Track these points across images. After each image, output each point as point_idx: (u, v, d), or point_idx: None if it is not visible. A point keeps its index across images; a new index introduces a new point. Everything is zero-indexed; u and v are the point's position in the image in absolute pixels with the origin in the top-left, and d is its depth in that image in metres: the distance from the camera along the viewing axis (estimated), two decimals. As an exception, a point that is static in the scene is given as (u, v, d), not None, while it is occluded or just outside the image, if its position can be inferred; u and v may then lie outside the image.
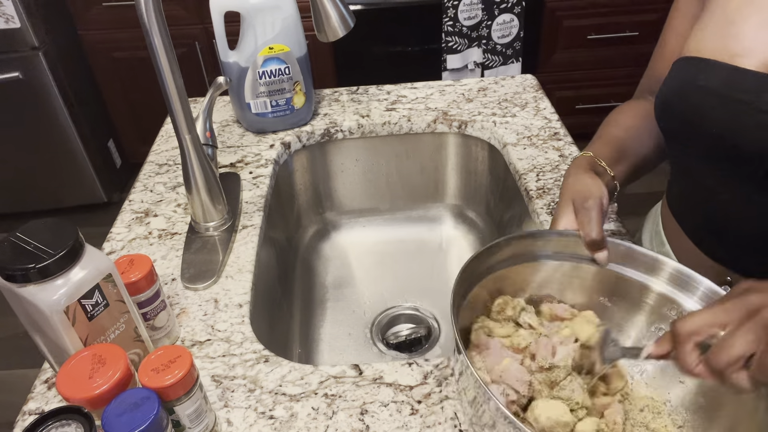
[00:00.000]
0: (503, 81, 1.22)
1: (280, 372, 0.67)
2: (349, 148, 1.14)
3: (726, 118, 0.59)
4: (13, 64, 1.98)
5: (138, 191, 0.98)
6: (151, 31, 0.68)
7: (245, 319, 0.74)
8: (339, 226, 1.21)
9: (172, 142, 1.10)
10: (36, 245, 0.54)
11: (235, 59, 1.00)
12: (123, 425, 0.49)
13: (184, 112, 0.75)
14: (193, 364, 0.55)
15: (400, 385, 0.65)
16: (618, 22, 2.19)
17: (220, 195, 0.85)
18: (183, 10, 2.09)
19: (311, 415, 0.63)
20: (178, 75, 0.73)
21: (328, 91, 1.22)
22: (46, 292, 0.54)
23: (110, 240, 0.88)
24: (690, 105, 0.62)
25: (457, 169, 1.17)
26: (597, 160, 0.69)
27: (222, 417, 0.63)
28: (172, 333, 0.71)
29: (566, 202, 0.64)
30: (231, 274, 0.81)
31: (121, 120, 2.38)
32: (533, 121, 1.09)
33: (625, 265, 0.62)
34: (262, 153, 1.05)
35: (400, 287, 1.08)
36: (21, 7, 1.89)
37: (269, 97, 1.04)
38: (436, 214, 1.22)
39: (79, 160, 2.22)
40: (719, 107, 0.59)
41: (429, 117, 1.12)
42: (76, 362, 0.53)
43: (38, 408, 0.65)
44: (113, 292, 0.58)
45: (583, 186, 0.64)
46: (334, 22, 0.85)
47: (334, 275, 1.12)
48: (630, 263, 0.62)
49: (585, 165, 0.68)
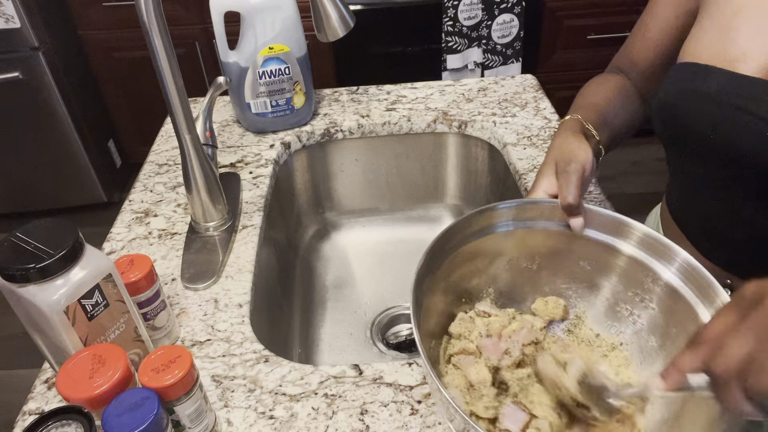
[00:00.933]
0: (503, 81, 1.22)
1: (280, 372, 0.67)
2: (349, 148, 1.14)
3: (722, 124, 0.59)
4: (13, 64, 1.98)
5: (138, 191, 0.98)
6: (151, 31, 0.68)
7: (245, 319, 0.74)
8: (339, 226, 1.20)
9: (172, 142, 1.10)
10: (36, 245, 0.54)
11: (235, 59, 1.00)
12: (123, 425, 0.49)
13: (184, 112, 0.75)
14: (193, 364, 0.55)
15: (400, 385, 0.65)
16: (618, 22, 2.19)
17: (220, 195, 0.85)
18: (183, 10, 2.09)
19: (311, 415, 0.63)
20: (178, 75, 0.73)
21: (328, 91, 1.22)
22: (46, 292, 0.54)
23: (110, 240, 0.88)
24: (687, 110, 0.62)
25: (457, 169, 1.17)
26: (585, 124, 0.68)
27: (222, 417, 0.63)
28: (172, 333, 0.71)
29: (549, 162, 0.64)
30: (231, 274, 0.81)
31: (121, 120, 2.38)
32: (533, 121, 1.09)
33: (594, 228, 0.62)
34: (262, 153, 1.05)
35: (400, 287, 1.08)
36: (21, 7, 1.89)
37: (269, 97, 1.04)
38: (436, 214, 1.22)
39: (79, 160, 2.22)
40: (716, 113, 0.59)
41: (429, 117, 1.12)
42: (76, 362, 0.53)
43: (38, 408, 0.65)
44: (113, 292, 0.58)
45: (569, 149, 0.63)
46: (334, 22, 0.85)
47: (334, 275, 1.12)
48: (598, 227, 0.62)
49: (574, 127, 0.67)
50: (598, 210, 0.62)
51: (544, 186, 0.63)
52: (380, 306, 1.05)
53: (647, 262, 0.60)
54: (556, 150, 0.64)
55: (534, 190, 0.64)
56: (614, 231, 0.62)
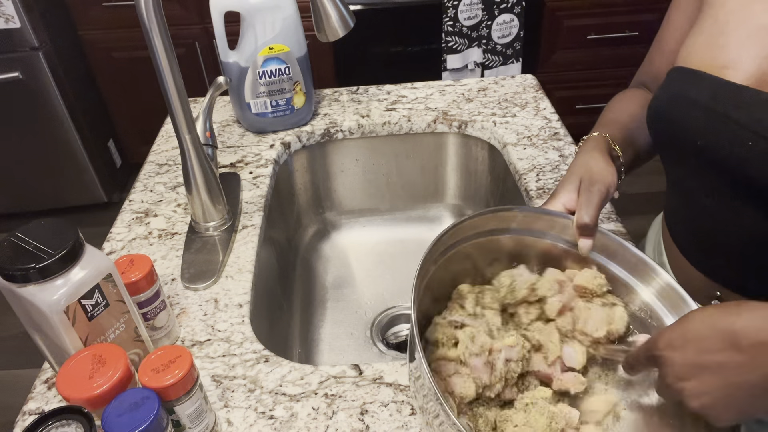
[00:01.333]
0: (503, 81, 1.22)
1: (280, 372, 0.67)
2: (349, 148, 1.14)
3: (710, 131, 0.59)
4: (13, 64, 1.98)
5: (138, 191, 0.98)
6: (151, 31, 0.68)
7: (245, 319, 0.74)
8: (339, 226, 1.21)
9: (172, 142, 1.10)
10: (36, 245, 0.54)
11: (235, 59, 1.00)
12: (123, 425, 0.49)
13: (184, 112, 0.75)
14: (193, 364, 0.55)
15: (400, 385, 0.65)
16: (618, 22, 2.19)
17: (220, 195, 0.85)
18: (183, 10, 2.09)
19: (311, 415, 0.63)
20: (178, 75, 0.73)
21: (328, 91, 1.22)
22: (46, 292, 0.54)
23: (110, 240, 0.88)
24: (677, 116, 0.62)
25: (457, 169, 1.17)
26: (612, 143, 0.68)
27: (222, 417, 0.63)
28: (172, 333, 0.71)
29: (574, 177, 0.63)
30: (231, 274, 0.81)
31: (121, 120, 2.38)
32: (533, 121, 1.09)
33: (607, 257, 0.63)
34: (262, 153, 1.05)
35: (400, 287, 1.08)
36: (21, 7, 1.89)
37: (269, 97, 1.04)
38: (436, 214, 1.22)
39: (79, 160, 2.22)
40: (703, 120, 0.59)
41: (429, 117, 1.12)
42: (76, 362, 0.53)
43: (38, 408, 0.65)
44: (113, 292, 0.58)
45: (597, 168, 0.63)
46: (334, 22, 0.85)
47: (334, 275, 1.12)
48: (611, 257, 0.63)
49: (602, 146, 0.67)
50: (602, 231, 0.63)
51: (563, 199, 0.63)
52: (380, 306, 1.05)
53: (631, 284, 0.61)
54: (582, 167, 0.64)
55: (553, 200, 0.64)
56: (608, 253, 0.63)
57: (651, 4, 2.14)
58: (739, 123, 0.56)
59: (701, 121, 0.59)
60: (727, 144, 0.57)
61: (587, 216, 0.60)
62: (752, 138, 0.54)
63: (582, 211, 0.60)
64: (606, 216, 0.86)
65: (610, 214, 0.87)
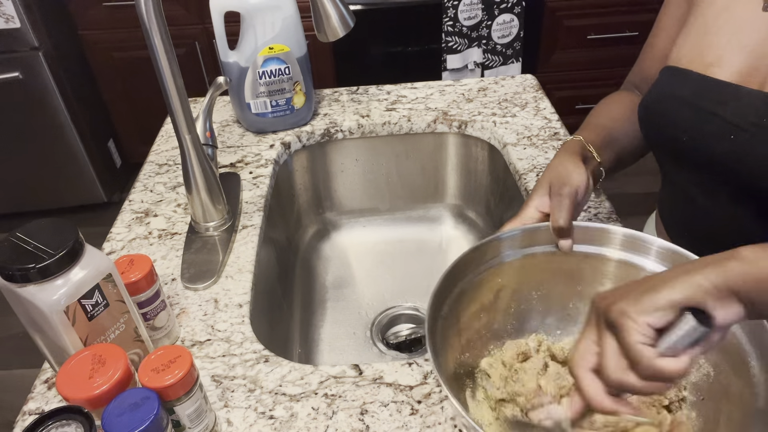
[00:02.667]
0: (503, 81, 1.22)
1: (280, 372, 0.67)
2: (349, 148, 1.14)
3: (696, 128, 0.61)
4: (13, 64, 1.97)
5: (138, 191, 0.98)
6: (151, 31, 0.68)
7: (245, 319, 0.74)
8: (339, 226, 1.20)
9: (172, 142, 1.10)
10: (36, 245, 0.54)
11: (235, 59, 1.00)
12: (123, 425, 0.49)
13: (184, 112, 0.75)
14: (193, 364, 0.55)
15: (400, 385, 0.65)
16: (618, 22, 2.19)
17: (220, 195, 0.85)
18: (183, 10, 2.09)
19: (311, 415, 0.63)
20: (178, 75, 0.73)
21: (328, 91, 1.22)
22: (46, 292, 0.54)
23: (110, 240, 0.88)
24: (665, 113, 0.64)
25: (457, 169, 1.17)
26: (586, 145, 0.69)
27: (222, 417, 0.63)
28: (172, 333, 0.71)
29: (544, 183, 0.65)
30: (231, 274, 0.81)
31: (121, 120, 2.38)
32: (533, 121, 1.09)
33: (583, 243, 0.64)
34: (262, 153, 1.05)
35: (400, 287, 1.08)
36: (21, 7, 1.89)
37: (269, 97, 1.04)
38: (436, 214, 1.22)
39: (79, 160, 2.22)
40: (690, 116, 0.61)
41: (429, 117, 1.12)
42: (76, 362, 0.53)
43: (38, 408, 0.65)
44: (113, 292, 0.58)
45: (565, 171, 0.64)
46: (334, 22, 0.85)
47: (334, 275, 1.12)
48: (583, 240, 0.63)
49: (574, 149, 0.68)
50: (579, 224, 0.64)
51: (536, 203, 0.64)
52: (380, 306, 1.05)
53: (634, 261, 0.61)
54: (553, 171, 0.65)
55: (526, 207, 0.65)
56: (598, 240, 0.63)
57: (651, 4, 2.14)
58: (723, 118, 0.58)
59: (688, 117, 0.61)
60: (711, 139, 0.59)
61: (561, 219, 0.61)
62: (734, 131, 0.57)
63: (555, 215, 0.62)
64: (606, 216, 0.86)
65: (610, 214, 0.87)
